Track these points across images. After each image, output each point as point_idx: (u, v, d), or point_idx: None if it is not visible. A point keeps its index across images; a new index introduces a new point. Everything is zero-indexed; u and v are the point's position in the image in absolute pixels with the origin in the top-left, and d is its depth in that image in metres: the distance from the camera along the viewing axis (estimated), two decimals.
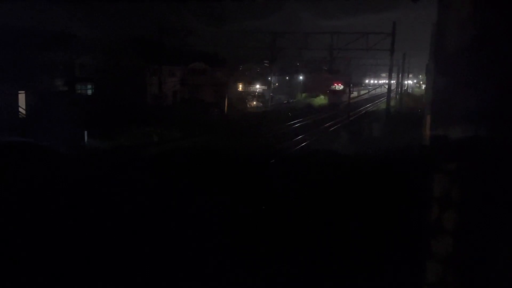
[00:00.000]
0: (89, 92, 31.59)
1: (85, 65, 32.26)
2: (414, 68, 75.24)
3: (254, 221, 8.71)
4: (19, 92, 19.88)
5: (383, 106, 41.89)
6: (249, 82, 48.71)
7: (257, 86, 49.01)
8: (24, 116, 19.61)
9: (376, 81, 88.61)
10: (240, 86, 47.74)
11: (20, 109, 19.78)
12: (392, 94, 54.57)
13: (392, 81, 35.72)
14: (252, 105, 44.96)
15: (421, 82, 77.57)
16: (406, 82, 72.79)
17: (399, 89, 57.01)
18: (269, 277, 6.34)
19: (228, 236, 7.81)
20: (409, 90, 78.02)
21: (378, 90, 67.34)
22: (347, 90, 45.53)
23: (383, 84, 61.69)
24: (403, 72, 56.48)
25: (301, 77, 59.30)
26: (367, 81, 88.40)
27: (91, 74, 31.49)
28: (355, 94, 57.93)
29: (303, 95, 56.47)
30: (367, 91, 64.11)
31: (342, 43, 35.84)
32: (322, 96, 53.56)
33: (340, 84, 52.49)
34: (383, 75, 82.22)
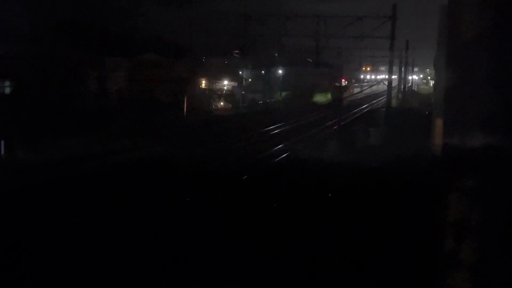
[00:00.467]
0: (7, 90, 30.88)
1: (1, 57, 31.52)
2: (419, 61, 76.39)
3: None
4: None
5: (382, 107, 42.68)
6: (216, 77, 48.58)
7: (225, 82, 48.90)
8: None
9: (373, 76, 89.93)
10: (204, 82, 47.55)
11: None
12: (394, 93, 55.37)
13: (393, 76, 36.09)
14: (219, 106, 44.82)
15: (429, 78, 78.87)
16: (410, 77, 73.53)
17: (402, 86, 57.70)
18: None
19: None
20: (414, 87, 79.15)
21: (374, 88, 68.18)
22: (341, 87, 46.14)
23: (382, 80, 62.49)
24: (407, 65, 57.23)
25: (280, 72, 59.49)
26: (362, 76, 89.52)
27: (8, 68, 30.78)
28: (352, 91, 58.62)
29: (283, 93, 56.63)
30: (359, 89, 64.92)
31: (332, 30, 36.03)
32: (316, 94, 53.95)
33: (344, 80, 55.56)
34: (382, 68, 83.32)
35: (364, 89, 63.44)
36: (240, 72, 49.88)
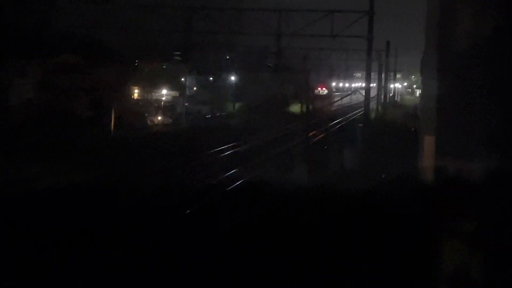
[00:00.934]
0: None
1: None
2: (403, 66, 77.53)
3: None
4: None
5: (360, 121, 43.19)
6: (152, 85, 48.16)
7: (164, 91, 48.51)
8: None
9: (347, 84, 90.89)
10: (137, 91, 47.07)
11: None
12: (374, 104, 56.04)
13: (372, 84, 36.35)
14: (156, 121, 44.45)
15: (414, 86, 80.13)
16: (392, 85, 74.79)
17: (383, 96, 58.40)
18: None
19: None
20: (397, 98, 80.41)
21: (347, 100, 68.82)
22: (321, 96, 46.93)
23: (357, 89, 63.14)
24: (387, 71, 57.96)
25: (233, 78, 59.51)
26: (334, 83, 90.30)
27: None
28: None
29: (237, 105, 56.59)
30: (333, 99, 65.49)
31: (296, 27, 36.15)
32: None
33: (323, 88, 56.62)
34: (358, 75, 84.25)
35: (336, 101, 63.86)
36: (183, 79, 49.66)
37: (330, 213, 15.18)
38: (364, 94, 36.82)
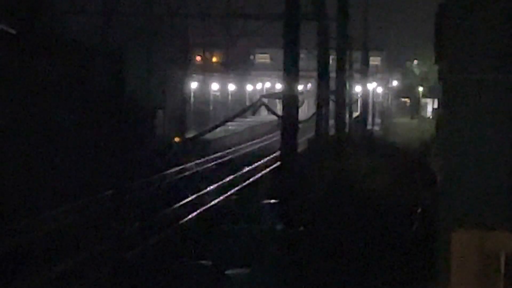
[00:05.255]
0: None
1: None
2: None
3: None
4: None
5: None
6: None
7: None
8: None
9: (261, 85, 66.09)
10: None
11: None
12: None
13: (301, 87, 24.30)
14: None
15: (420, 91, 65.19)
16: (356, 90, 53.78)
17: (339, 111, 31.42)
18: None
19: None
20: (374, 111, 56.60)
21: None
22: None
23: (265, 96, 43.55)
24: (351, 59, 37.60)
25: None
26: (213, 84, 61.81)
27: None
28: None
29: None
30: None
31: None
32: None
33: None
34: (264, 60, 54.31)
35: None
36: None
37: None
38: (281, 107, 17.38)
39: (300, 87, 26.84)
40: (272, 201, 19.34)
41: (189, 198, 25.00)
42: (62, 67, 30.40)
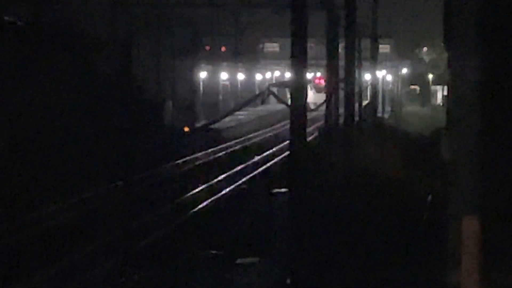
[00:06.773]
0: None
1: None
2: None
3: None
4: None
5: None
6: None
7: None
8: None
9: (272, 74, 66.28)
10: None
11: None
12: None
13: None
14: None
15: (430, 79, 64.53)
16: (366, 78, 55.18)
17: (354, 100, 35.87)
18: None
19: None
20: (386, 104, 58.99)
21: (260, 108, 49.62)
22: None
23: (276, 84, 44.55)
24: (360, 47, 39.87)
25: None
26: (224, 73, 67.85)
27: None
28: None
29: None
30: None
31: None
32: None
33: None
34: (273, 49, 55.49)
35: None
36: None
37: None
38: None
39: (309, 76, 27.71)
40: (283, 190, 19.23)
41: (198, 189, 25.29)
42: (70, 58, 30.51)
